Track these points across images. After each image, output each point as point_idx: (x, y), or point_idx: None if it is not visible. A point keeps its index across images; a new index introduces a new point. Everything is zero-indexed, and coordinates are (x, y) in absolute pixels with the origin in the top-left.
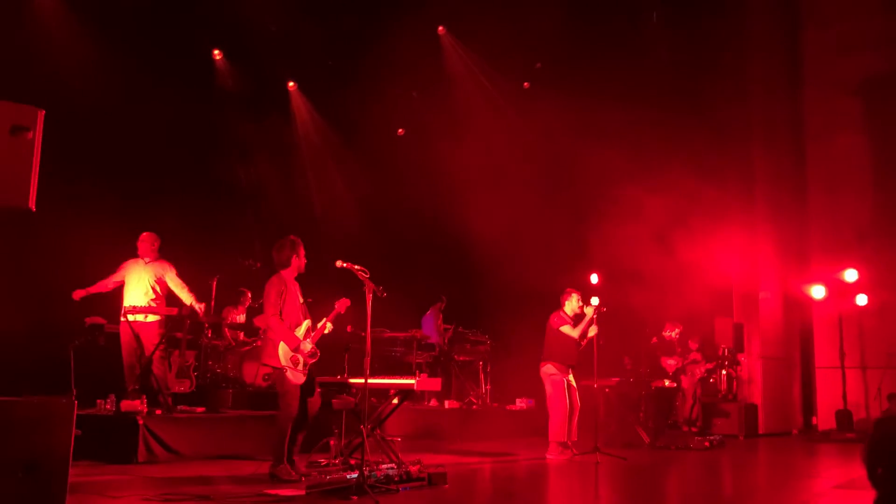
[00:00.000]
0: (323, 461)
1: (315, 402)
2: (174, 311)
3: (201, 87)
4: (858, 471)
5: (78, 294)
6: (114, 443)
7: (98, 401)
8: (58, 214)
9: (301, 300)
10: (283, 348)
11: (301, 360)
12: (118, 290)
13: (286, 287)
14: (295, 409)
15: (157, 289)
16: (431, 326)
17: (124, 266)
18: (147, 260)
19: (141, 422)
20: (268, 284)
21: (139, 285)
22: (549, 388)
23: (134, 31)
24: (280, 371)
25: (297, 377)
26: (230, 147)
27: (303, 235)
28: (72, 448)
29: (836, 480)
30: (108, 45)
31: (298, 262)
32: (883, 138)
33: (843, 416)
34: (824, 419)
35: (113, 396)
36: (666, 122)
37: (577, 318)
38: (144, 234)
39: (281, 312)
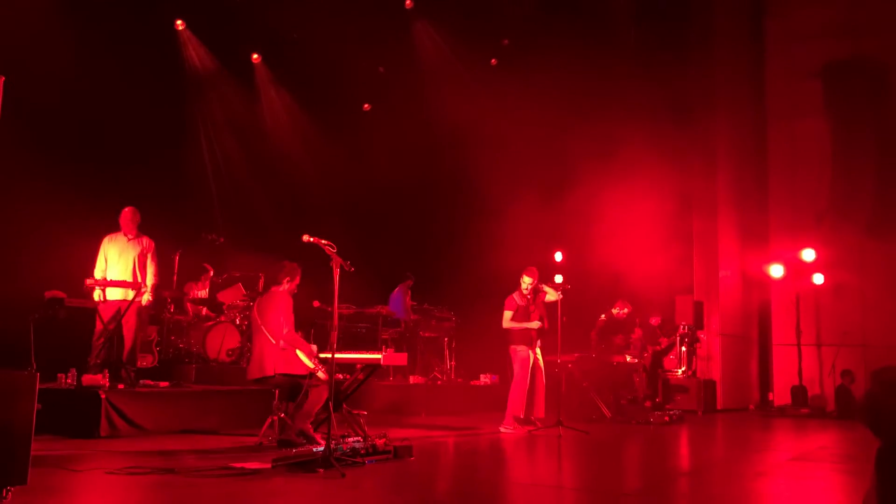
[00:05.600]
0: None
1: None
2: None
3: (164, 57)
4: (812, 444)
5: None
6: (75, 417)
7: (59, 375)
8: (15, 185)
9: None
10: (302, 354)
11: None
12: (85, 265)
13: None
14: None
15: (139, 265)
16: (399, 303)
17: (105, 242)
18: (130, 236)
19: (103, 396)
20: (282, 300)
21: (123, 262)
22: (514, 365)
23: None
24: (312, 373)
25: (325, 373)
26: (193, 119)
27: (268, 210)
28: (34, 421)
29: (791, 453)
30: (70, 14)
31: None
32: (842, 122)
33: (799, 392)
34: (780, 395)
35: (74, 371)
36: (631, 103)
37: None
38: (127, 209)
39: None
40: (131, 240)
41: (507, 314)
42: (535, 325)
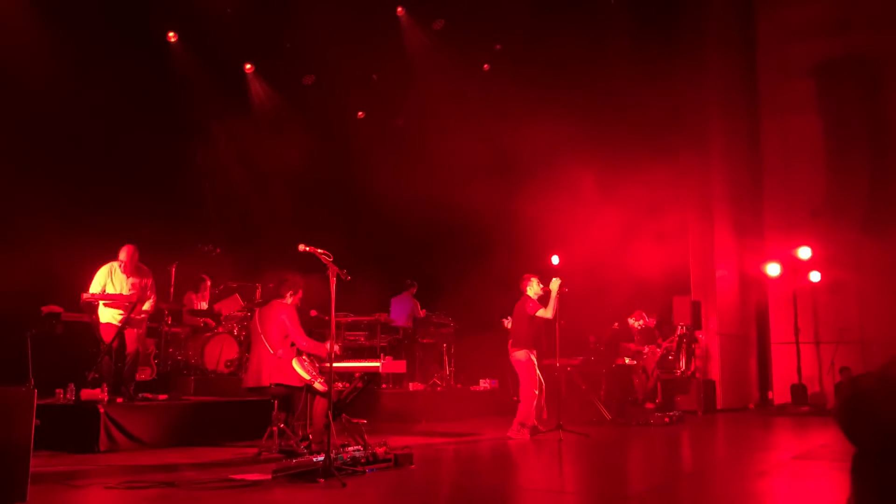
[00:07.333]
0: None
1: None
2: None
3: (157, 69)
4: (814, 442)
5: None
6: (75, 432)
7: (57, 390)
8: (11, 200)
9: None
10: (297, 364)
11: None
12: (81, 279)
13: None
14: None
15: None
16: (402, 310)
17: (107, 270)
18: (133, 279)
19: (102, 410)
20: (287, 312)
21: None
22: (521, 374)
23: (87, 12)
24: (308, 385)
25: (323, 385)
26: (187, 131)
27: (264, 220)
28: (33, 437)
29: (793, 452)
30: (61, 26)
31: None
32: (834, 119)
33: (798, 390)
34: (780, 393)
35: (72, 385)
36: (624, 102)
37: (542, 300)
38: (128, 247)
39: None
40: (132, 277)
41: (541, 310)
42: (556, 282)
